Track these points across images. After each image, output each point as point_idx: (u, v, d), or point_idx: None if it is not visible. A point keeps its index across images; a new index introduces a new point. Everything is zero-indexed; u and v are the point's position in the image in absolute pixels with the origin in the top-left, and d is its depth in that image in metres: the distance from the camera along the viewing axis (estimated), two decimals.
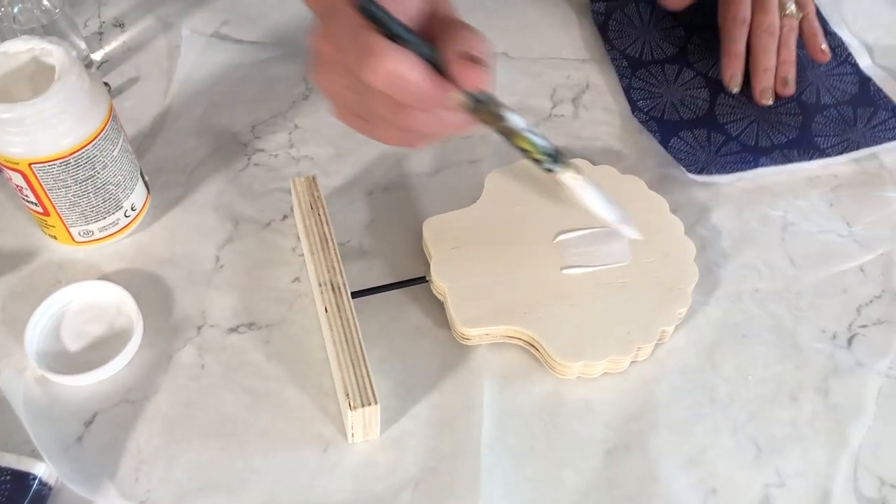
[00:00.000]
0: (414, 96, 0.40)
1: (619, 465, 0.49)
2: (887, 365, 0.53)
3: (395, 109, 0.41)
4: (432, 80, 0.40)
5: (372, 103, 0.41)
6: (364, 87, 0.40)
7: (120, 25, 0.71)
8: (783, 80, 0.65)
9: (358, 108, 0.43)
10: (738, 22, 0.66)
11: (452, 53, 0.40)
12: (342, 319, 0.50)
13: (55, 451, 0.49)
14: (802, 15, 0.67)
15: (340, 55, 0.41)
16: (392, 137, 0.44)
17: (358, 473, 0.49)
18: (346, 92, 0.42)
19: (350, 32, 0.40)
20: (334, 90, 0.43)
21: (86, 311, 0.55)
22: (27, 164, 0.50)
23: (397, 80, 0.39)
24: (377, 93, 0.40)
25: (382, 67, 0.39)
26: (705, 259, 0.58)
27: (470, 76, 0.40)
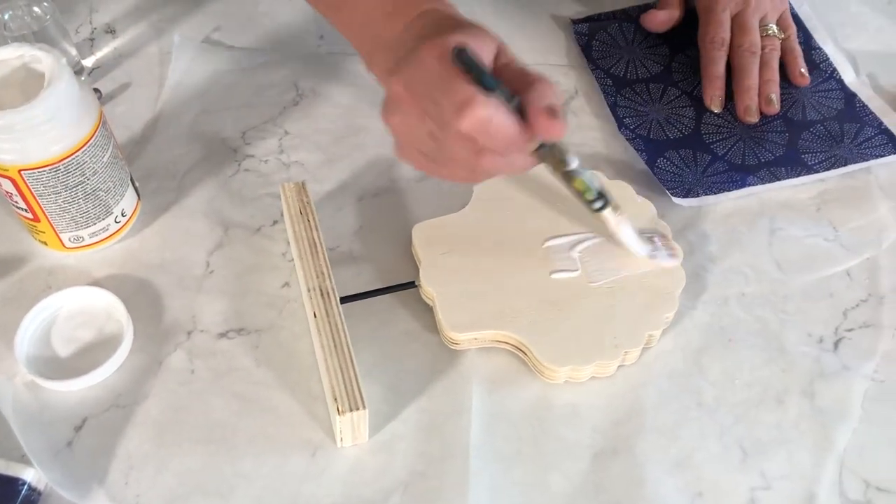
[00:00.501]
0: (501, 143, 0.42)
1: (606, 468, 0.50)
2: (873, 368, 0.54)
3: (475, 153, 0.43)
4: (518, 128, 0.42)
5: (452, 148, 0.43)
6: (448, 133, 0.42)
7: (111, 32, 0.72)
8: (767, 98, 0.66)
9: (431, 150, 0.45)
10: (716, 44, 0.66)
11: (537, 106, 0.42)
12: (331, 324, 0.50)
13: (45, 457, 0.49)
14: (785, 36, 0.68)
15: (425, 101, 0.43)
16: (458, 176, 0.46)
17: (347, 478, 0.49)
18: (422, 136, 0.44)
19: (440, 80, 0.42)
20: (409, 133, 0.45)
21: (76, 316, 0.55)
22: (17, 170, 0.50)
23: (489, 126, 0.41)
24: (461, 138, 0.42)
25: (476, 115, 0.41)
26: (693, 264, 0.58)
27: (552, 128, 0.42)
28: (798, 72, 0.67)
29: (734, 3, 0.67)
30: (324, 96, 0.67)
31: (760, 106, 0.65)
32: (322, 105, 0.67)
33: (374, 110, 0.66)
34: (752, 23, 0.67)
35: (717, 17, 0.67)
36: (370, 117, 0.66)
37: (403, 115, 0.44)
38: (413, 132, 0.45)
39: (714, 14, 0.67)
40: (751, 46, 0.66)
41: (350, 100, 0.67)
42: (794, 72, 0.68)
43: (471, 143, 0.42)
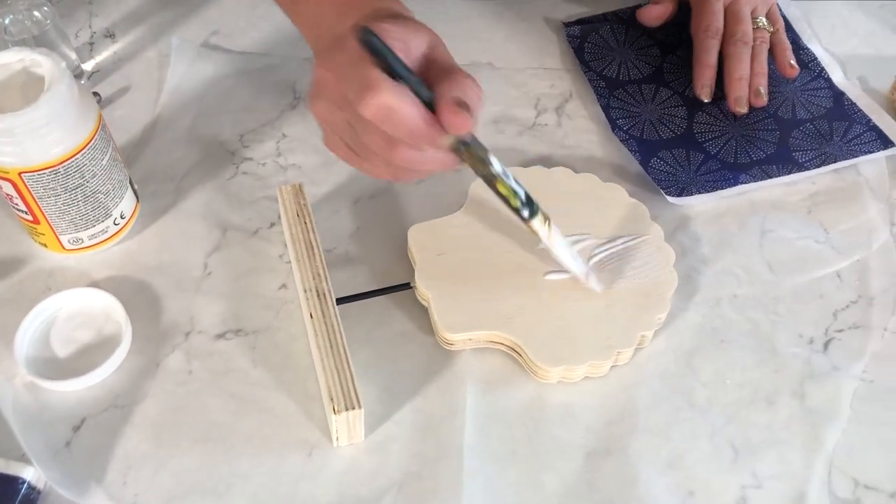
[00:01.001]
0: (406, 132, 0.41)
1: (600, 468, 0.50)
2: (862, 369, 0.55)
3: (386, 144, 0.42)
4: (425, 119, 0.41)
5: (365, 136, 0.43)
6: (359, 119, 0.42)
7: (111, 36, 0.72)
8: (756, 91, 0.66)
9: (350, 139, 0.44)
10: (710, 32, 0.67)
11: (446, 98, 0.41)
12: (327, 325, 0.50)
13: (44, 456, 0.49)
14: (774, 29, 0.68)
15: (339, 86, 0.42)
16: (380, 171, 0.45)
17: (342, 477, 0.49)
18: (341, 123, 0.44)
19: (351, 65, 0.41)
20: (329, 119, 0.44)
21: (75, 317, 0.55)
22: (17, 173, 0.51)
23: (391, 114, 0.40)
24: (371, 126, 0.42)
25: (378, 101, 0.40)
26: (685, 265, 0.59)
27: (456, 120, 0.41)
28: (787, 63, 0.68)
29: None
30: None
31: (750, 97, 0.66)
32: None
33: None
34: (745, 13, 0.67)
35: (712, 6, 0.67)
36: None
37: (325, 100, 0.44)
38: (335, 120, 0.44)
39: (709, 4, 0.67)
40: (743, 36, 0.66)
41: None
42: (784, 63, 0.68)
43: (380, 132, 0.42)
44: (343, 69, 0.42)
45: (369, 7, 0.46)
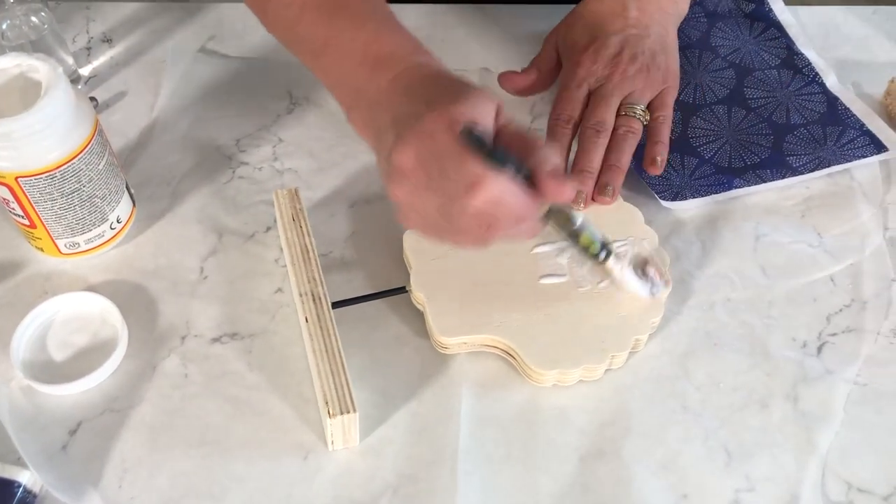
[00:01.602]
0: (514, 218, 0.43)
1: (594, 471, 0.50)
2: (855, 372, 0.55)
3: (484, 227, 0.43)
4: (529, 200, 0.43)
5: (462, 222, 0.43)
6: (457, 209, 0.42)
7: (108, 41, 0.73)
8: (602, 186, 0.58)
9: (438, 222, 0.44)
10: (560, 120, 0.60)
11: (544, 171, 0.43)
12: (322, 329, 0.51)
13: (40, 460, 0.50)
14: (653, 118, 0.61)
15: (433, 176, 0.43)
16: (466, 244, 0.46)
17: (337, 480, 0.50)
18: (430, 208, 0.44)
19: (450, 157, 0.42)
20: (416, 204, 0.45)
21: (71, 321, 0.56)
22: (14, 177, 0.51)
23: (500, 205, 0.42)
24: (472, 215, 0.42)
25: (487, 196, 0.41)
26: (679, 269, 0.59)
27: (561, 191, 0.43)
28: (650, 157, 0.60)
29: (594, 79, 0.61)
30: (317, 104, 0.68)
31: (594, 194, 0.58)
32: (315, 113, 0.68)
33: None
34: (608, 100, 0.60)
35: (570, 93, 0.61)
36: None
37: (411, 187, 0.44)
38: (420, 204, 0.44)
39: (567, 91, 0.61)
40: (595, 125, 0.59)
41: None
42: (647, 157, 0.60)
43: (482, 218, 0.43)
44: (437, 160, 0.42)
45: (403, 63, 0.46)
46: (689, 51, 0.71)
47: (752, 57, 0.71)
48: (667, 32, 0.65)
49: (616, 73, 0.61)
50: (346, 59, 0.48)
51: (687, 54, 0.71)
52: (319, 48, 0.50)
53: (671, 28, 0.66)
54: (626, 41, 0.62)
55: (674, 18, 0.66)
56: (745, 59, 0.71)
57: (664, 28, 0.64)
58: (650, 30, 0.63)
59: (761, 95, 0.69)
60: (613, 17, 0.64)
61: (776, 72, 0.70)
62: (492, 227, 0.43)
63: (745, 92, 0.69)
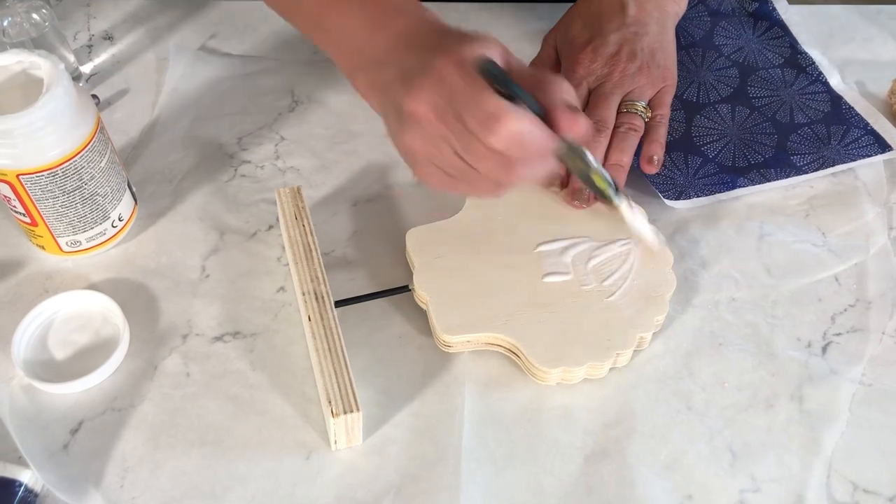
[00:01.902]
0: (536, 153, 0.41)
1: (598, 470, 0.50)
2: (860, 372, 0.55)
3: (504, 168, 0.42)
4: (548, 134, 0.41)
5: (481, 164, 0.42)
6: (476, 149, 0.41)
7: (109, 38, 0.72)
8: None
9: (455, 168, 0.43)
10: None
11: (559, 105, 0.41)
12: (325, 328, 0.50)
13: (41, 459, 0.49)
14: (652, 115, 0.61)
15: (449, 118, 0.41)
16: (482, 191, 0.44)
17: (340, 480, 0.49)
18: (447, 154, 0.42)
19: (465, 95, 0.40)
20: (429, 153, 0.43)
21: (72, 320, 0.55)
22: (15, 175, 0.51)
23: (523, 139, 0.40)
24: (492, 154, 0.41)
25: (509, 129, 0.40)
26: (683, 268, 0.59)
27: (575, 125, 0.41)
28: (648, 157, 0.60)
29: (594, 77, 0.61)
30: (319, 102, 0.68)
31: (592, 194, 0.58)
32: (317, 111, 0.68)
33: (368, 116, 0.67)
34: (608, 98, 0.60)
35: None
36: (365, 123, 0.67)
37: (426, 136, 0.42)
38: (437, 153, 0.43)
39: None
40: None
41: (345, 106, 0.68)
42: (644, 155, 0.60)
43: (501, 157, 0.41)
44: (452, 101, 0.41)
45: (404, 19, 0.45)
46: (693, 49, 0.71)
47: (756, 56, 0.71)
48: (665, 30, 0.64)
49: (616, 72, 0.61)
50: (347, 19, 0.47)
51: (690, 53, 0.71)
52: (320, 12, 0.49)
53: (669, 26, 0.65)
54: (624, 39, 0.62)
55: (672, 17, 0.66)
56: (749, 58, 0.71)
57: (662, 26, 0.64)
58: (649, 28, 0.63)
59: (765, 94, 0.68)
60: (612, 15, 0.63)
61: (780, 71, 0.70)
62: (511, 168, 0.42)
63: (748, 91, 0.69)
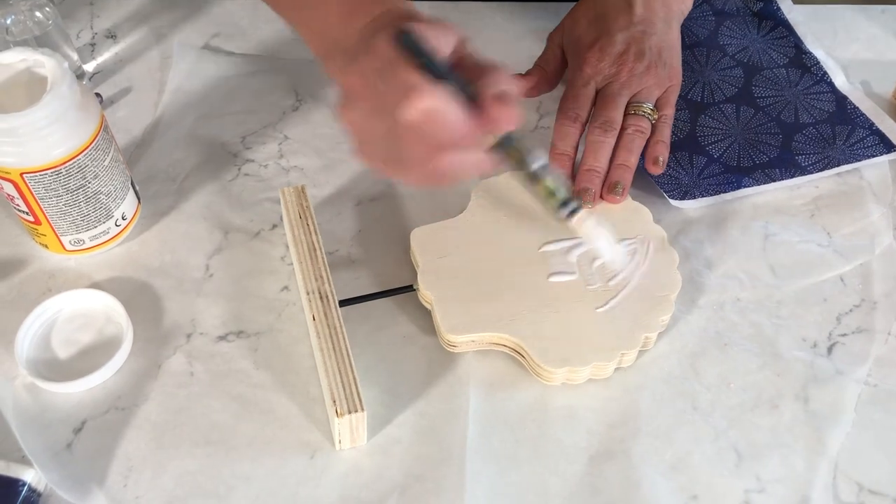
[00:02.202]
0: (450, 134, 0.40)
1: (602, 471, 0.50)
2: (866, 373, 0.54)
3: (427, 151, 0.41)
4: (469, 118, 0.40)
5: (404, 143, 0.41)
6: (397, 126, 0.40)
7: (112, 37, 0.72)
8: (611, 185, 0.58)
9: (385, 148, 0.42)
10: (568, 118, 0.60)
11: (489, 93, 0.40)
12: (329, 328, 0.50)
13: (44, 458, 0.49)
14: (658, 116, 0.61)
15: (374, 93, 0.41)
16: (418, 179, 0.44)
17: (344, 480, 0.49)
18: (377, 132, 0.42)
19: (385, 69, 0.40)
20: (363, 129, 0.43)
21: (76, 319, 0.55)
22: (19, 173, 0.51)
23: (436, 117, 0.39)
24: (411, 133, 0.40)
25: (421, 104, 0.39)
26: (688, 268, 0.59)
27: (503, 115, 0.40)
28: (653, 158, 0.60)
29: (602, 77, 0.61)
30: (323, 101, 0.68)
31: (602, 192, 0.58)
32: (321, 110, 0.67)
33: None
34: (616, 99, 0.60)
35: (576, 91, 0.61)
36: None
37: (358, 110, 0.42)
38: (368, 129, 0.42)
39: (573, 89, 0.61)
40: (603, 124, 0.59)
41: None
42: (649, 157, 0.60)
43: (421, 138, 0.40)
44: (377, 75, 0.41)
45: (379, 8, 0.45)
46: (697, 49, 0.71)
47: (761, 56, 0.71)
48: (671, 29, 0.64)
49: (624, 71, 0.61)
50: (323, 10, 0.47)
51: (695, 52, 0.71)
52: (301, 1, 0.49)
53: (675, 25, 0.65)
54: (632, 38, 0.62)
55: (678, 15, 0.66)
56: (754, 58, 0.71)
57: (668, 25, 0.64)
58: (656, 27, 0.63)
59: (770, 94, 0.68)
60: (618, 14, 0.63)
61: (784, 70, 0.70)
62: (434, 151, 0.41)
63: (753, 91, 0.68)
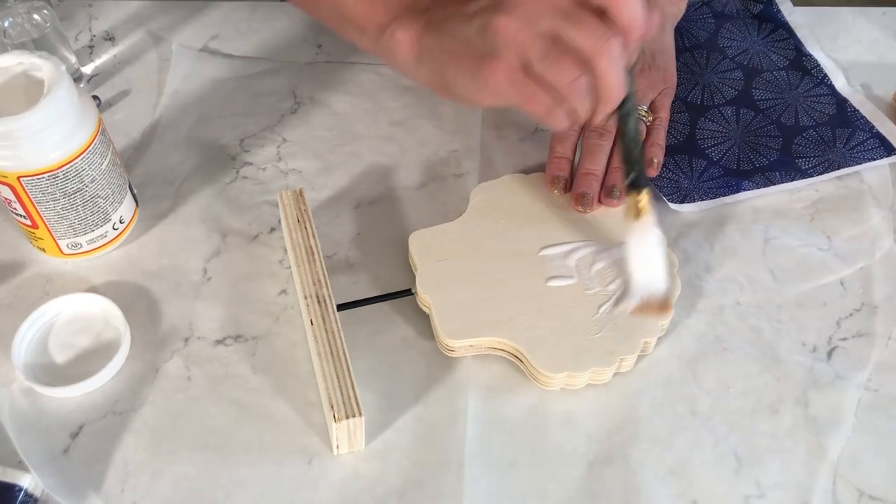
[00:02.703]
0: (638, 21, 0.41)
1: (602, 476, 0.50)
2: (866, 377, 0.54)
3: (600, 38, 0.41)
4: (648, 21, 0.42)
5: (576, 33, 0.41)
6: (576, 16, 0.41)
7: (110, 39, 0.72)
8: (609, 189, 0.58)
9: (541, 54, 0.42)
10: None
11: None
12: (327, 332, 0.50)
13: (41, 463, 0.49)
14: (653, 118, 0.61)
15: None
16: (545, 103, 0.43)
17: (342, 485, 0.49)
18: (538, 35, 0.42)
19: None
20: (520, 33, 0.42)
21: (73, 323, 0.55)
22: (16, 177, 0.51)
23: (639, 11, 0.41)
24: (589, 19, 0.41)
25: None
26: (688, 272, 0.58)
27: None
28: (647, 159, 0.59)
29: None
30: (322, 104, 0.68)
31: (600, 196, 0.58)
32: (320, 113, 0.67)
33: (370, 119, 0.67)
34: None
35: None
36: (367, 125, 0.66)
37: (526, 13, 0.42)
38: (528, 32, 0.42)
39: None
40: (598, 128, 0.59)
41: (347, 108, 0.68)
42: (646, 160, 0.60)
43: (596, 25, 0.41)
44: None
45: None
46: (697, 51, 0.71)
47: (761, 58, 0.71)
48: (664, 33, 0.64)
49: None
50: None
51: (695, 55, 0.71)
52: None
53: (668, 28, 0.65)
54: None
55: (671, 18, 0.66)
56: (754, 61, 0.70)
57: (661, 28, 0.64)
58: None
59: (770, 97, 0.68)
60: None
61: (785, 73, 0.70)
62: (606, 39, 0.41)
63: (753, 93, 0.68)
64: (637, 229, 0.52)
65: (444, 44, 0.46)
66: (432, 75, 0.48)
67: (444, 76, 0.47)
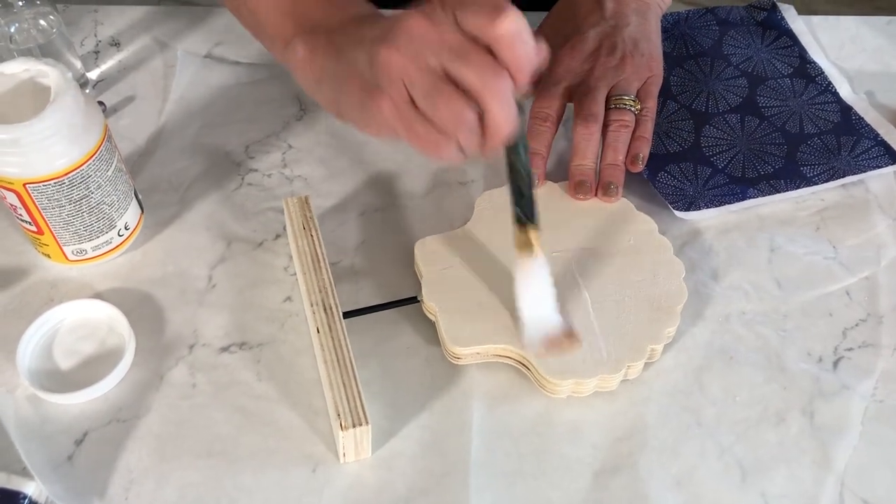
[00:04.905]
0: (529, 56, 0.40)
1: (607, 486, 0.50)
2: (872, 387, 0.54)
3: (492, 72, 0.40)
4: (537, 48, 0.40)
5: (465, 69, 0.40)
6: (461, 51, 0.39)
7: (116, 45, 0.72)
8: (605, 185, 0.59)
9: (427, 93, 0.41)
10: (538, 118, 0.60)
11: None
12: (333, 339, 0.50)
13: (45, 470, 0.49)
14: (639, 109, 0.61)
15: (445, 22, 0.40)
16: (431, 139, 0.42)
17: (347, 493, 0.49)
18: (424, 68, 0.40)
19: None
20: (406, 68, 0.41)
21: (78, 329, 0.55)
22: (22, 184, 0.51)
23: (523, 32, 0.39)
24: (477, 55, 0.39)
25: (514, 17, 0.39)
26: (693, 280, 0.58)
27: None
28: (632, 154, 0.60)
29: (574, 75, 0.61)
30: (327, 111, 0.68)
31: (596, 191, 0.59)
32: (325, 120, 0.67)
33: None
34: (594, 92, 0.59)
35: (546, 90, 0.61)
36: None
37: (410, 45, 0.40)
38: (414, 66, 0.40)
39: (544, 88, 0.61)
40: (586, 118, 0.59)
41: None
42: (628, 152, 0.60)
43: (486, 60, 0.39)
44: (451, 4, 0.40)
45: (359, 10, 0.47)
46: (701, 59, 0.71)
47: (765, 65, 0.71)
48: (647, 21, 0.64)
49: (597, 67, 0.61)
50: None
51: (699, 62, 0.71)
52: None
53: (651, 17, 0.65)
54: (604, 34, 0.62)
55: (654, 8, 0.66)
56: (758, 68, 0.70)
57: (643, 17, 0.64)
58: (629, 19, 0.63)
59: (774, 104, 0.68)
60: (589, 13, 0.64)
61: (789, 80, 0.70)
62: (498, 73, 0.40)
63: (757, 101, 0.68)
64: (525, 266, 0.50)
65: (340, 68, 0.46)
66: (329, 98, 0.48)
67: (338, 101, 0.47)
